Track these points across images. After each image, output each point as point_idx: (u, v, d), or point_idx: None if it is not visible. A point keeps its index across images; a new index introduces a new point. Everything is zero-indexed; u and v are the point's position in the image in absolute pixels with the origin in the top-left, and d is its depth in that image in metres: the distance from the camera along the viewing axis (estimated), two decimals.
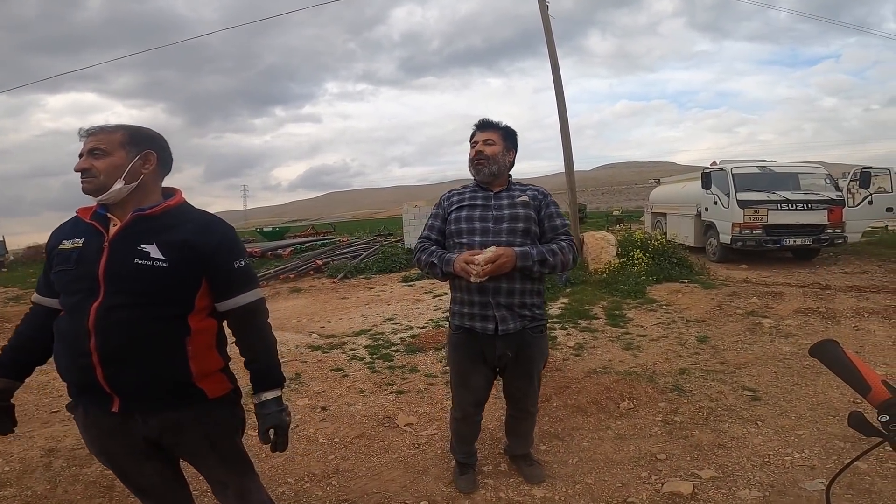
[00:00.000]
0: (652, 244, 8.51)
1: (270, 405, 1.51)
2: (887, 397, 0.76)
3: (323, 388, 3.81)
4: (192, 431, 1.45)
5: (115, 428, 1.40)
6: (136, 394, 1.37)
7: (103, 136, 1.37)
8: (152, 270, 1.32)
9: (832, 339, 0.86)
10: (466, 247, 2.02)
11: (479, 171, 2.11)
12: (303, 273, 10.25)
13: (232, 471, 1.57)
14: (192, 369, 1.39)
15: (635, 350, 4.41)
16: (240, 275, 1.46)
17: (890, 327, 4.70)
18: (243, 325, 1.51)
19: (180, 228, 1.39)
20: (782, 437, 2.69)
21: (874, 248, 9.79)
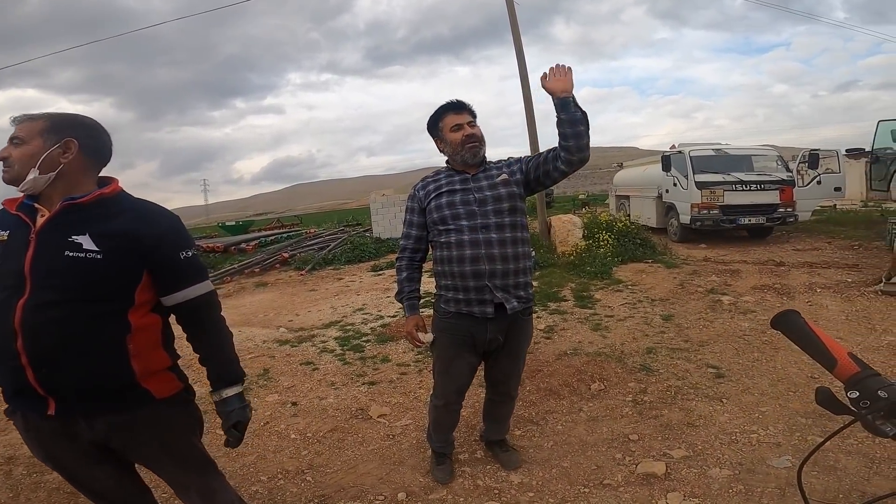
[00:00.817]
0: (616, 226, 8.69)
1: (232, 402, 1.45)
2: (855, 371, 0.71)
3: (293, 383, 3.72)
4: (141, 434, 1.38)
5: (58, 432, 1.32)
6: (74, 396, 1.28)
7: (25, 125, 1.29)
8: (85, 263, 1.23)
9: (794, 310, 0.80)
10: (454, 233, 1.98)
11: (475, 153, 2.03)
12: (268, 267, 9.98)
13: (191, 472, 1.51)
14: (134, 369, 1.31)
15: (604, 331, 4.50)
16: (187, 266, 1.39)
17: (842, 302, 4.94)
18: (194, 319, 1.43)
19: (118, 218, 1.30)
20: (747, 415, 2.78)
21: (823, 226, 10.29)
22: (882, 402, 0.65)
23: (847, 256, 7.24)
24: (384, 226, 12.29)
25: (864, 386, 0.68)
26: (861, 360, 0.73)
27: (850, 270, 6.23)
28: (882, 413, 0.65)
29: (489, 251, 1.95)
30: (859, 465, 2.20)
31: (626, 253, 7.83)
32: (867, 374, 0.70)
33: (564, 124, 1.84)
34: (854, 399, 0.68)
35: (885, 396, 0.65)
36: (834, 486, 2.06)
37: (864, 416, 0.67)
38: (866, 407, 0.67)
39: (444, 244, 2.02)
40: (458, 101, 2.06)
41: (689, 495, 2.10)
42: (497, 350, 2.14)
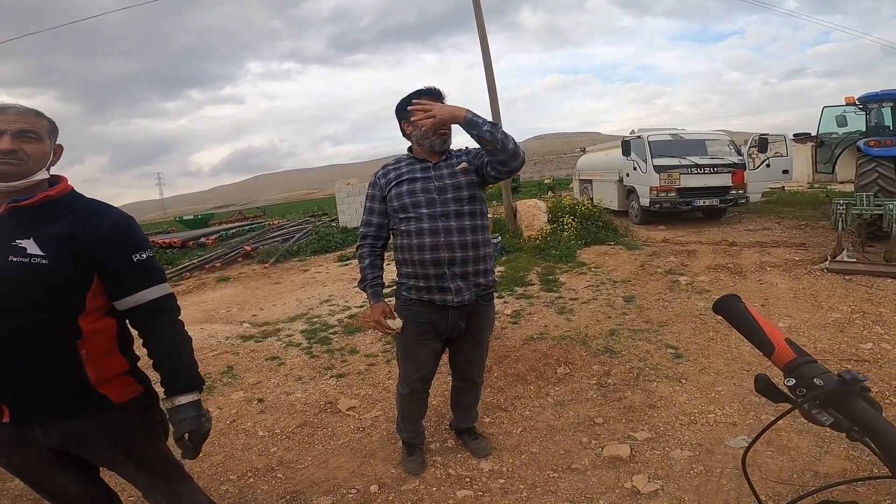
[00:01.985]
0: (580, 209, 8.85)
1: (186, 410, 1.36)
2: (792, 358, 0.70)
3: (258, 379, 3.65)
4: (99, 439, 1.34)
5: (15, 439, 1.27)
6: (27, 404, 1.24)
7: (34, 119, 1.23)
8: (29, 268, 1.17)
9: (734, 295, 0.80)
10: (414, 220, 2.00)
11: (444, 141, 2.05)
12: (230, 261, 9.69)
13: (155, 476, 1.46)
14: (89, 375, 1.27)
15: (569, 314, 4.60)
16: (137, 269, 1.33)
17: (790, 280, 5.20)
18: (147, 324, 1.37)
19: (62, 220, 1.24)
20: (704, 395, 2.89)
21: (773, 207, 10.81)
22: (817, 390, 0.64)
23: (795, 236, 7.63)
24: (350, 215, 12.11)
25: (801, 373, 0.67)
26: (798, 347, 0.71)
27: (798, 249, 6.57)
28: (818, 402, 0.64)
29: (448, 239, 1.98)
30: (811, 444, 2.29)
31: (589, 236, 8.01)
32: (803, 361, 0.69)
33: (482, 142, 1.86)
34: (791, 387, 0.67)
35: (820, 385, 0.65)
36: (788, 466, 2.16)
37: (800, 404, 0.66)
38: (802, 395, 0.66)
39: (404, 232, 2.04)
40: (433, 89, 2.06)
41: (653, 477, 2.18)
42: (459, 337, 2.18)
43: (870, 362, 3.12)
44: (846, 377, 0.63)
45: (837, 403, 0.64)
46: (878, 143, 6.61)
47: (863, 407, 0.62)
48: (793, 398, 0.67)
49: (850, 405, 0.63)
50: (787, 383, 0.68)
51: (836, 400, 0.64)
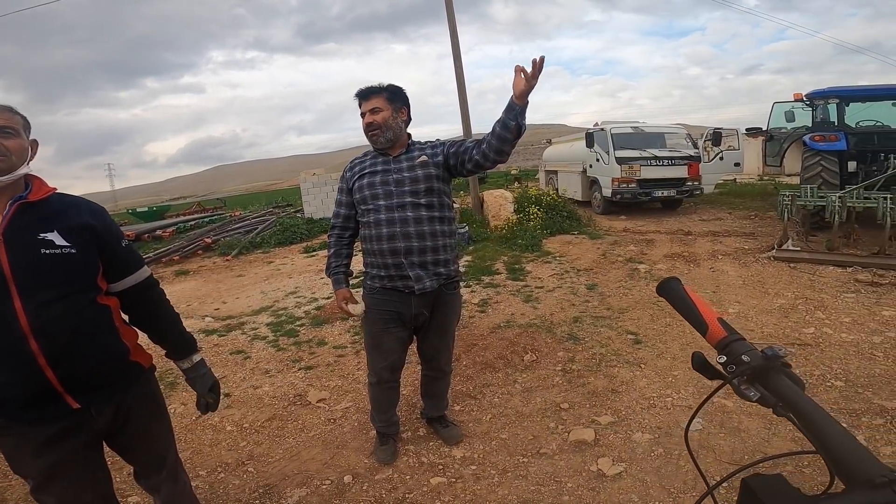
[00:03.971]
0: (545, 200, 9.02)
1: (204, 365, 1.62)
2: (723, 336, 0.72)
3: (224, 374, 3.59)
4: (141, 406, 1.49)
5: (62, 434, 1.32)
6: (92, 385, 1.34)
7: (9, 116, 1.25)
8: (63, 258, 1.27)
9: (675, 277, 0.82)
10: (373, 212, 2.07)
11: (375, 140, 2.10)
12: (189, 253, 9.35)
13: (171, 437, 1.64)
14: (126, 344, 1.42)
15: (535, 302, 4.71)
16: (130, 253, 1.48)
17: (740, 267, 5.49)
18: (145, 300, 1.52)
19: (72, 213, 1.35)
20: (662, 379, 3.04)
21: (725, 198, 11.34)
22: (745, 366, 0.66)
23: (745, 226, 8.04)
24: (316, 206, 11.90)
25: (731, 350, 0.70)
26: (729, 325, 0.74)
27: (747, 238, 6.93)
28: (745, 377, 0.67)
29: (404, 229, 2.03)
30: (759, 426, 2.44)
31: (554, 225, 8.19)
32: (733, 339, 0.71)
33: (503, 126, 1.84)
34: (723, 363, 0.69)
35: (747, 361, 0.67)
36: (739, 448, 2.30)
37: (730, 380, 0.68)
38: (732, 371, 0.68)
39: (365, 223, 2.12)
40: (364, 89, 2.10)
41: (616, 460, 2.28)
42: (425, 325, 2.23)
43: (812, 346, 3.34)
44: (768, 353, 0.66)
45: (763, 379, 0.66)
46: (823, 138, 7.01)
47: (785, 382, 0.64)
48: (725, 374, 0.69)
49: (774, 381, 0.65)
50: (718, 360, 0.70)
51: (761, 376, 0.66)
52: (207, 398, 1.61)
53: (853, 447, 0.53)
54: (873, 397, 2.64)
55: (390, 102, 2.08)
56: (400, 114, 2.11)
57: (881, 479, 0.49)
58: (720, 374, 0.69)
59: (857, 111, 7.68)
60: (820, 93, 7.73)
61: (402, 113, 2.12)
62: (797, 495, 0.52)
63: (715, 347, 0.73)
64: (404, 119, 2.13)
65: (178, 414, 2.97)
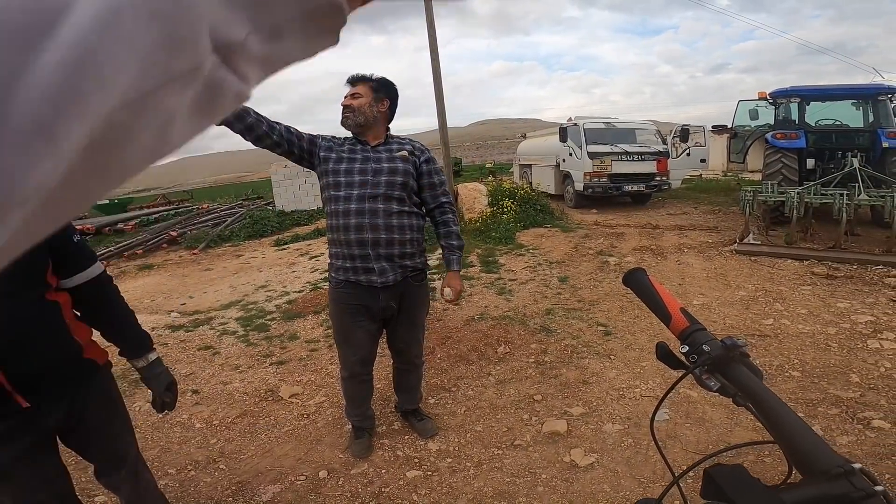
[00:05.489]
0: (519, 193, 9.09)
1: (160, 364, 1.58)
2: (685, 326, 0.73)
3: (191, 370, 3.50)
4: (96, 406, 1.46)
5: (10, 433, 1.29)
6: (42, 384, 1.32)
7: None
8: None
9: (640, 268, 0.83)
10: (343, 200, 2.02)
11: (344, 121, 2.09)
12: (154, 247, 9.04)
13: (130, 435, 1.61)
14: (78, 341, 1.40)
15: (508, 294, 4.75)
16: (81, 248, 1.45)
17: (704, 261, 5.67)
18: (97, 297, 1.48)
19: None
20: (630, 370, 3.11)
21: (691, 193, 11.66)
22: (705, 356, 0.67)
23: (709, 220, 8.29)
24: (288, 199, 11.67)
25: (692, 340, 0.70)
26: (691, 316, 0.75)
27: (712, 233, 7.15)
28: (706, 367, 0.67)
29: (373, 220, 2.02)
30: (723, 416, 2.53)
31: (527, 219, 8.27)
32: (695, 329, 0.72)
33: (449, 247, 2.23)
34: (685, 353, 0.70)
35: (707, 350, 0.67)
36: (704, 438, 2.38)
37: (692, 369, 0.68)
38: (693, 361, 0.68)
39: (333, 212, 2.07)
40: (352, 76, 2.12)
41: (588, 451, 2.34)
42: (393, 318, 2.22)
43: (771, 337, 3.48)
44: (727, 343, 0.67)
45: (723, 369, 0.66)
46: (784, 136, 7.27)
47: (744, 372, 0.65)
48: (687, 364, 0.69)
49: (733, 371, 0.65)
50: (681, 350, 0.70)
51: (721, 365, 0.66)
52: (164, 397, 1.57)
53: (810, 438, 0.55)
54: (829, 387, 2.76)
55: (374, 91, 2.08)
56: (380, 104, 2.10)
57: (837, 469, 0.50)
58: (683, 363, 0.70)
59: (817, 110, 7.98)
60: (782, 92, 8.00)
61: (383, 104, 2.11)
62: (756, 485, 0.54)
63: (678, 337, 0.73)
64: (383, 111, 2.12)
65: (143, 411, 2.89)
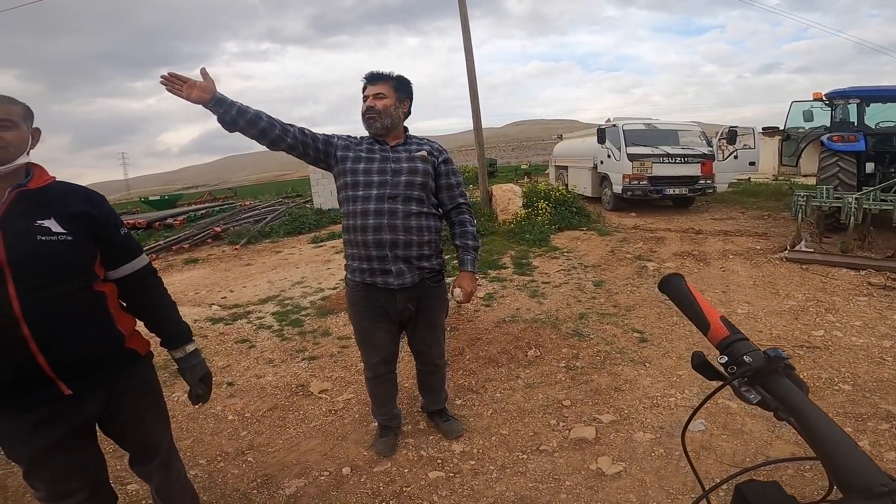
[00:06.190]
0: (554, 195, 8.96)
1: (197, 355, 1.61)
2: (725, 335, 0.70)
3: (228, 363, 3.61)
4: (134, 395, 1.48)
5: (51, 419, 1.32)
6: (84, 372, 1.35)
7: (7, 107, 1.27)
8: (59, 245, 1.29)
9: (678, 273, 0.80)
10: (362, 200, 2.00)
11: (370, 125, 2.06)
12: (199, 242, 9.43)
13: (165, 424, 1.64)
14: (121, 331, 1.43)
15: (540, 297, 4.68)
16: (128, 241, 1.50)
17: (751, 268, 5.40)
18: (142, 288, 1.53)
19: (70, 201, 1.36)
20: (666, 378, 3.00)
21: (738, 197, 11.17)
22: (746, 367, 0.64)
23: (757, 225, 7.92)
24: (325, 197, 11.93)
25: (732, 351, 0.67)
26: (732, 325, 0.71)
27: (760, 239, 6.82)
28: (746, 379, 0.64)
29: (392, 221, 1.98)
30: (763, 429, 2.40)
31: (563, 221, 8.15)
32: (735, 339, 0.69)
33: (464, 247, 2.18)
34: (723, 364, 0.67)
35: (749, 362, 0.64)
36: (741, 450, 2.26)
37: (730, 381, 0.65)
38: (733, 372, 0.65)
39: (351, 212, 2.04)
40: (373, 73, 2.07)
41: (617, 459, 2.26)
42: (412, 319, 2.20)
43: (821, 349, 3.27)
44: (771, 354, 0.64)
45: (764, 381, 0.63)
46: (841, 139, 6.85)
47: (788, 385, 0.62)
48: (725, 375, 0.66)
49: (776, 383, 0.62)
50: (719, 360, 0.68)
51: (762, 377, 0.63)
52: (197, 389, 1.60)
53: (854, 454, 0.51)
54: (880, 402, 2.59)
55: (396, 91, 2.07)
56: (402, 105, 2.09)
57: (880, 488, 0.47)
58: (720, 374, 0.67)
59: (877, 112, 7.50)
60: (840, 92, 7.55)
61: (405, 105, 2.11)
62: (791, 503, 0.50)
63: (716, 347, 0.70)
64: (405, 111, 2.12)
65: (181, 402, 2.99)
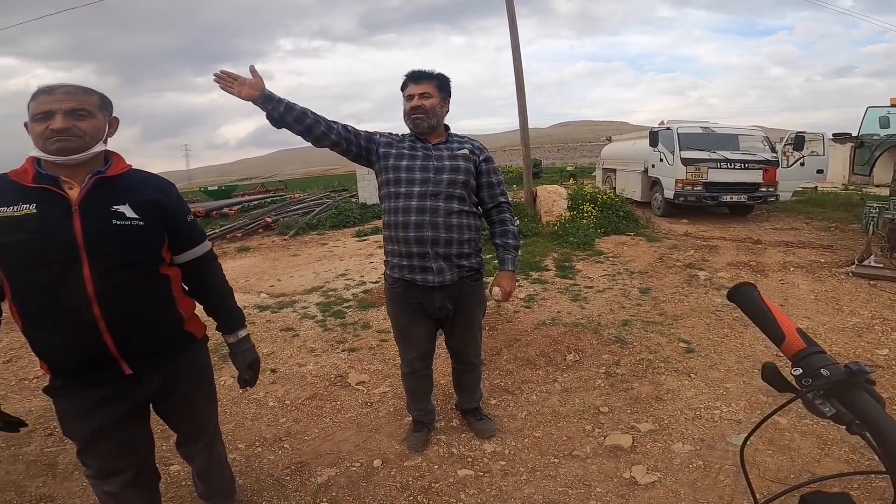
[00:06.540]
0: (601, 198, 8.73)
1: (248, 341, 1.69)
2: (801, 347, 0.68)
3: (272, 350, 3.74)
4: (186, 377, 1.55)
5: (110, 398, 1.39)
6: (146, 352, 1.41)
7: (84, 97, 1.32)
8: (132, 229, 1.35)
9: (750, 283, 0.78)
10: (404, 197, 2.01)
11: (417, 125, 2.07)
12: (251, 231, 9.84)
13: (213, 406, 1.72)
14: (182, 314, 1.50)
15: (582, 301, 4.57)
16: (194, 228, 1.57)
17: (813, 282, 5.07)
18: (203, 273, 1.59)
19: (144, 188, 1.43)
20: (712, 390, 2.87)
21: (803, 207, 10.46)
22: (823, 380, 0.63)
23: (823, 237, 7.40)
24: (370, 192, 12.13)
25: (808, 363, 0.66)
26: (808, 337, 0.70)
27: (825, 251, 6.38)
28: (822, 392, 0.63)
29: (434, 219, 1.99)
30: (812, 446, 2.27)
31: (609, 225, 7.91)
32: (812, 351, 0.68)
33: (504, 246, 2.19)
34: (797, 376, 0.66)
35: (826, 375, 0.63)
36: (786, 466, 2.15)
37: (804, 393, 0.64)
38: (808, 385, 0.64)
39: (392, 209, 2.05)
40: (417, 72, 2.08)
41: (652, 469, 2.18)
42: (449, 318, 2.20)
43: (884, 368, 3.06)
44: (853, 368, 0.62)
45: (841, 395, 0.62)
46: None
47: (866, 399, 0.60)
48: (797, 388, 0.65)
49: (854, 397, 0.61)
50: (793, 373, 0.66)
51: (840, 391, 0.62)
52: (245, 374, 1.66)
53: None
54: None
55: (439, 91, 2.08)
56: (445, 104, 2.11)
57: None
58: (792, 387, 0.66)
59: None
60: None
61: (447, 103, 2.13)
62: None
63: (790, 359, 0.69)
64: (447, 110, 2.13)
65: (226, 386, 3.10)
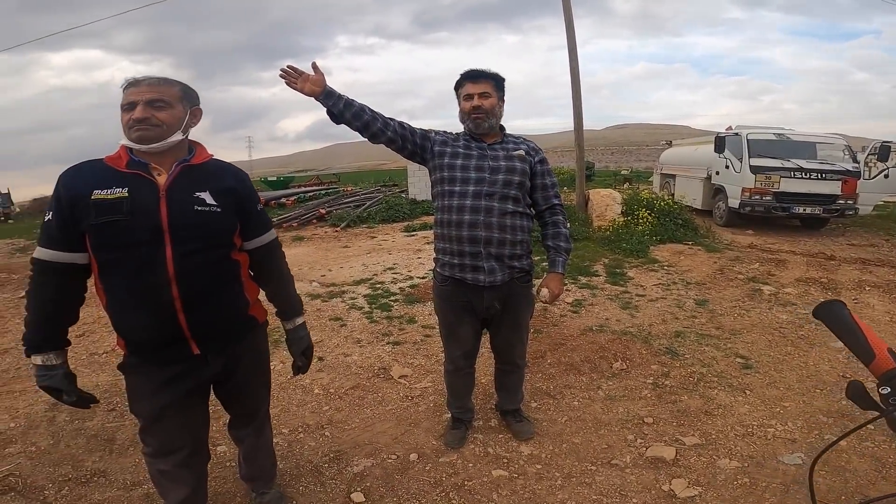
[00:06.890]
0: (658, 204, 8.40)
1: (304, 328, 1.76)
2: (891, 367, 0.68)
3: (321, 338, 3.85)
4: (247, 360, 1.61)
5: (177, 377, 1.46)
6: (213, 333, 1.48)
7: (164, 89, 1.40)
8: (211, 215, 1.43)
9: (839, 300, 0.77)
10: (458, 196, 2.02)
11: (478, 125, 2.07)
12: (306, 222, 10.24)
13: (266, 397, 1.78)
14: (248, 298, 1.57)
15: (633, 310, 4.42)
16: (263, 216, 1.64)
17: (890, 302, 4.65)
18: (268, 260, 1.66)
19: (223, 177, 1.51)
20: (768, 408, 2.71)
21: (884, 222, 9.60)
22: None
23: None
24: (420, 188, 12.28)
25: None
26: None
27: None
28: None
29: (488, 219, 1.98)
30: (868, 468, 2.14)
31: (665, 232, 7.58)
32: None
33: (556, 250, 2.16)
34: (885, 395, 0.66)
35: None
36: (839, 488, 2.02)
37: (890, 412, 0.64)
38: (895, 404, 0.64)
39: (446, 207, 2.05)
40: (476, 71, 2.07)
41: (693, 483, 2.09)
42: (496, 318, 2.18)
43: None
44: None
45: None
46: None
47: None
48: (882, 407, 0.65)
49: None
50: (881, 391, 0.66)
51: None
52: (298, 361, 1.72)
53: None
54: None
55: (497, 90, 2.08)
56: (502, 103, 2.11)
57: None
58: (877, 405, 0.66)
59: None
60: None
61: (503, 103, 2.12)
62: None
63: (878, 378, 0.69)
64: (503, 110, 2.13)
65: (275, 371, 3.19)
